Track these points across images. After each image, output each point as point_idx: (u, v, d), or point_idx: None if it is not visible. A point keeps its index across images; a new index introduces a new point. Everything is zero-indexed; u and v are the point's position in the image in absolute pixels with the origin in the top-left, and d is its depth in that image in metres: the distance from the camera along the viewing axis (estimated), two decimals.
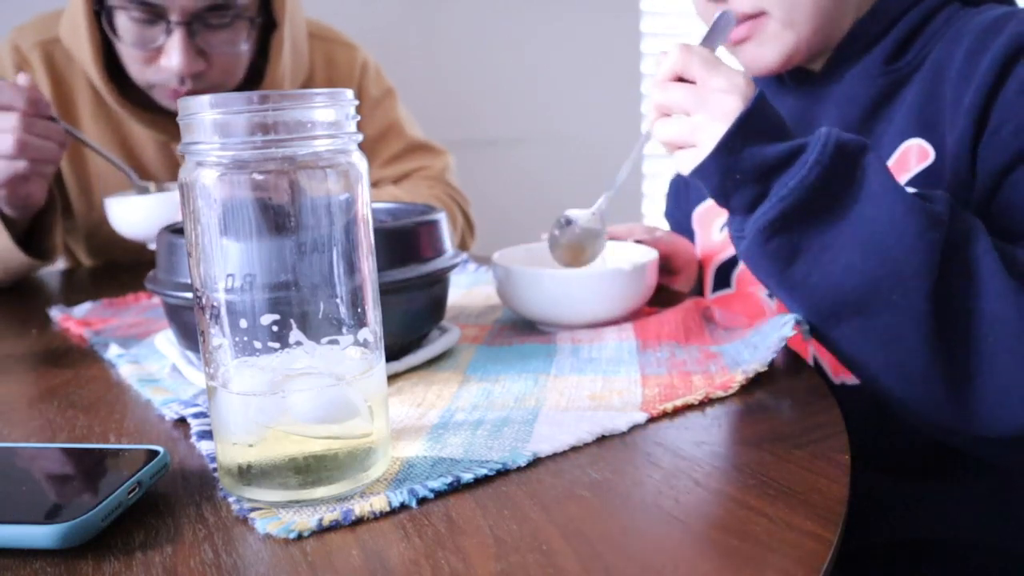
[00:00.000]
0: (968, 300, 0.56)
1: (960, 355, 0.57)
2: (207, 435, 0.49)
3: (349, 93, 0.41)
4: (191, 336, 0.60)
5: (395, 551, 0.37)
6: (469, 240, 1.32)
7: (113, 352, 0.68)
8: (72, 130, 0.97)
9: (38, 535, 0.36)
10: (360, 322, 0.42)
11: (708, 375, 0.57)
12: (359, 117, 0.42)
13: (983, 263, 0.56)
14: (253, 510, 0.40)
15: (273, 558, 0.37)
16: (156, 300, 0.86)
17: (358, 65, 1.27)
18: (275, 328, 0.40)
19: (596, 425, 0.49)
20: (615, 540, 0.37)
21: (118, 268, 1.13)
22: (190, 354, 0.63)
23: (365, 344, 0.42)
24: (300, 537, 0.38)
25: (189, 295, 0.56)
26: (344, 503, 0.40)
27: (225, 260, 0.39)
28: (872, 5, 0.77)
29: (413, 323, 0.63)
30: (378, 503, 0.40)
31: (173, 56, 1.01)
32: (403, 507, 0.40)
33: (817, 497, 0.40)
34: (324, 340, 0.41)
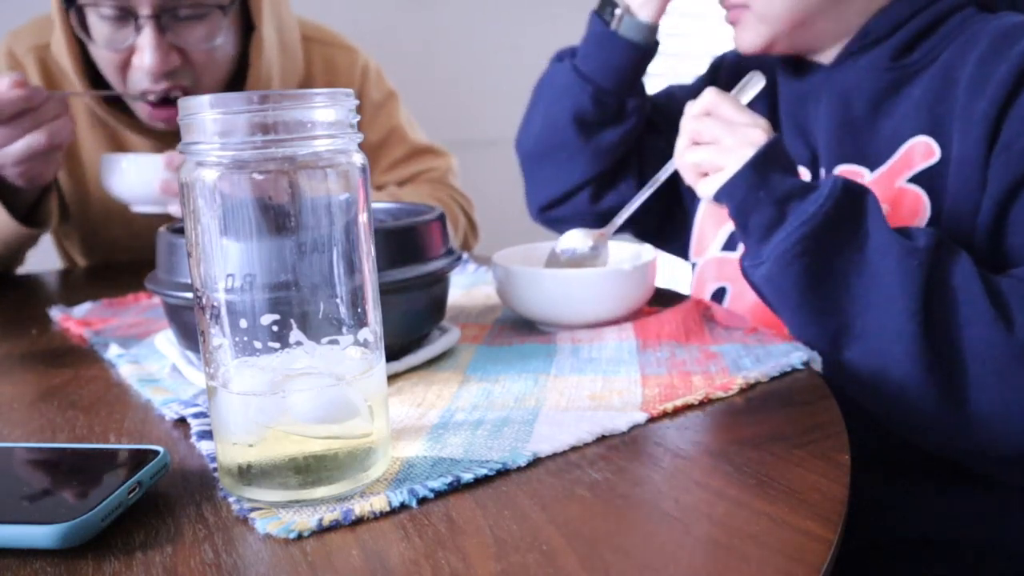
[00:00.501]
0: (954, 327, 0.61)
1: (951, 378, 0.62)
2: (207, 435, 0.49)
3: (349, 93, 0.41)
4: (191, 336, 0.60)
5: (395, 551, 0.37)
6: (472, 242, 1.31)
7: (113, 352, 0.68)
8: (73, 93, 0.94)
9: (38, 535, 0.37)
10: (360, 322, 0.42)
11: (708, 375, 0.57)
12: (359, 118, 0.42)
13: (967, 292, 0.61)
14: (253, 510, 0.40)
15: (273, 558, 0.37)
16: (156, 300, 0.86)
17: (358, 68, 1.24)
18: (275, 328, 0.40)
19: (596, 425, 0.49)
20: (615, 540, 0.37)
21: (118, 268, 1.13)
22: (190, 354, 0.63)
23: (365, 344, 0.42)
24: (300, 537, 0.38)
25: (189, 295, 0.56)
26: (344, 503, 0.40)
27: (225, 260, 0.39)
28: (885, 3, 0.79)
29: (413, 323, 0.63)
30: (378, 503, 0.40)
31: (145, 53, 0.97)
32: (403, 507, 0.40)
33: (817, 497, 0.40)
34: (324, 340, 0.41)
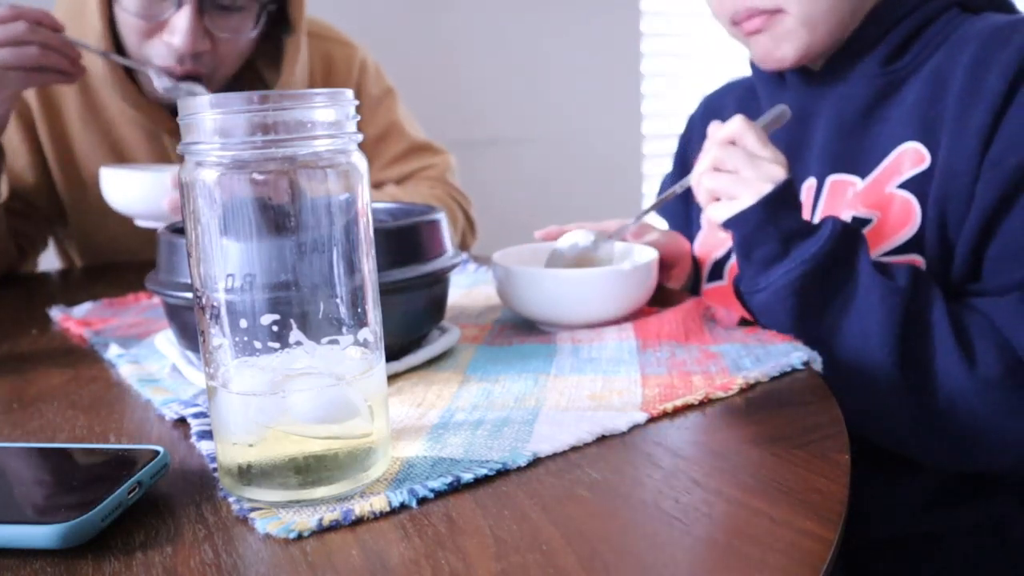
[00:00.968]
0: (924, 359, 0.66)
1: (923, 403, 0.66)
2: (207, 435, 0.49)
3: (349, 93, 0.41)
4: (191, 336, 0.60)
5: (395, 551, 0.37)
6: (470, 240, 1.31)
7: (113, 352, 0.68)
8: (78, 41, 0.93)
9: (38, 535, 0.36)
10: (360, 322, 0.42)
11: (708, 375, 0.57)
12: (359, 117, 0.42)
13: (938, 328, 0.66)
14: (253, 510, 0.40)
15: (273, 558, 0.37)
16: (156, 300, 0.86)
17: (356, 64, 1.24)
18: (275, 328, 0.40)
19: (596, 425, 0.49)
20: (615, 540, 0.37)
21: (118, 268, 1.13)
22: (190, 354, 0.63)
23: (365, 344, 0.42)
24: (300, 537, 0.38)
25: (189, 295, 0.56)
26: (344, 503, 0.40)
27: (225, 260, 0.39)
28: (872, 9, 0.78)
29: (413, 323, 0.63)
30: (378, 503, 0.40)
31: (177, 32, 0.97)
32: (403, 507, 0.40)
33: (817, 497, 0.40)
34: (324, 340, 0.41)
